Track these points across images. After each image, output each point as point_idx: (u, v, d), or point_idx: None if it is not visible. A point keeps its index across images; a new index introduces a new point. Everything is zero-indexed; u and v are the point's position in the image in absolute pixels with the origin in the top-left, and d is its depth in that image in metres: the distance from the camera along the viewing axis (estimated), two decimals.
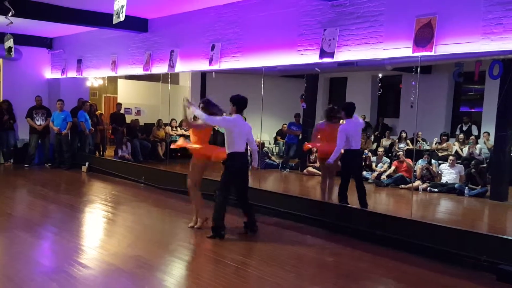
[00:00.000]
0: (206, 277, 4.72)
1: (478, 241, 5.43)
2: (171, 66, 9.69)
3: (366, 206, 6.93)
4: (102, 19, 9.73)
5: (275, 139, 15.15)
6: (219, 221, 6.03)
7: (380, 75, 13.59)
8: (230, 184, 6.20)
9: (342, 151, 7.03)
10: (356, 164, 7.20)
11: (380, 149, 11.42)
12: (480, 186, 9.23)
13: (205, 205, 6.63)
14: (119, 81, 14.00)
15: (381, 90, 13.29)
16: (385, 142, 13.12)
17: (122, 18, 5.70)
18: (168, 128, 13.06)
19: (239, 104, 6.22)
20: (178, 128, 13.48)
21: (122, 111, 13.17)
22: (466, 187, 9.26)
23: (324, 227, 6.74)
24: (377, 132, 14.39)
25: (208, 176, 7.26)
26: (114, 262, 5.06)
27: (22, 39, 12.40)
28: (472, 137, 11.66)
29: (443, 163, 10.35)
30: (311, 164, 11.32)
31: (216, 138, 10.41)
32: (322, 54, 6.99)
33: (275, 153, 14.58)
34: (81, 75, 12.60)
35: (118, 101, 13.68)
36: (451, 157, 10.14)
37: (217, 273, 4.86)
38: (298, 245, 6.03)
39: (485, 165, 10.16)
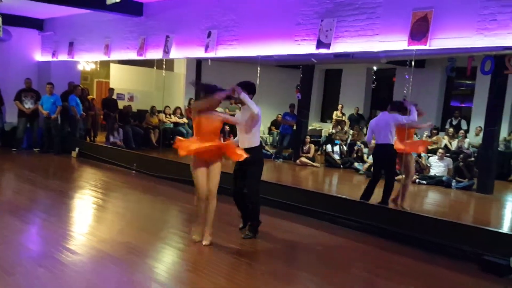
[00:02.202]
0: (198, 264, 4.72)
1: (463, 232, 5.55)
2: (166, 52, 9.60)
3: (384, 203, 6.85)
4: (96, 1, 9.60)
5: (269, 129, 15.17)
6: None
7: (374, 68, 13.60)
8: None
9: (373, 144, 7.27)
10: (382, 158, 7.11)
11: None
12: (467, 179, 9.37)
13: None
14: (112, 65, 13.88)
15: (375, 83, 13.31)
16: None
17: None
18: (162, 115, 13.00)
19: (254, 90, 5.57)
20: (172, 115, 13.43)
21: (114, 97, 13.07)
22: (454, 180, 9.40)
23: (314, 216, 6.77)
24: None
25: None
26: (103, 248, 5.03)
27: (12, 20, 12.20)
28: (462, 131, 11.77)
29: (432, 156, 10.45)
30: (304, 155, 11.35)
31: None
32: (319, 44, 6.96)
33: (269, 143, 14.60)
34: (73, 58, 12.44)
35: (111, 86, 13.58)
36: (440, 151, 10.24)
37: (208, 260, 4.86)
38: (289, 234, 6.04)
39: (473, 159, 10.28)
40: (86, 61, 12.54)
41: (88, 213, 6.83)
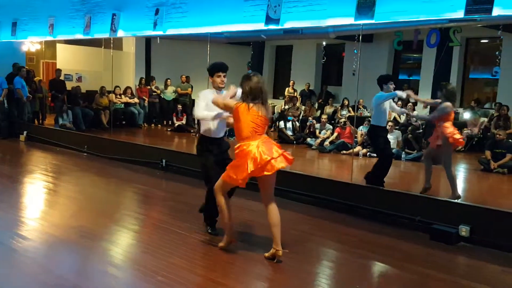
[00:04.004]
0: (154, 245, 4.73)
1: (413, 202, 5.76)
2: (113, 30, 9.35)
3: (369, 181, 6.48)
4: None
5: None
6: None
7: (324, 44, 13.76)
8: None
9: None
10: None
11: (324, 116, 11.67)
12: (416, 151, 9.67)
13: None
14: (58, 46, 13.41)
15: (325, 58, 13.49)
16: (329, 109, 13.43)
17: None
18: (112, 96, 12.73)
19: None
20: (123, 96, 13.17)
21: (62, 78, 12.68)
22: (403, 152, 9.69)
23: None
24: (320, 100, 14.68)
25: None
26: (56, 233, 4.96)
27: None
28: (410, 104, 12.13)
29: None
30: None
31: None
32: (268, 20, 6.96)
33: None
34: (17, 39, 11.92)
35: (58, 67, 13.14)
36: (389, 123, 10.50)
37: (164, 242, 4.85)
38: (243, 211, 6.10)
39: (421, 131, 10.65)
40: (31, 41, 12.05)
41: (39, 198, 6.68)
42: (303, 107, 13.54)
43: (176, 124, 12.83)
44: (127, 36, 10.45)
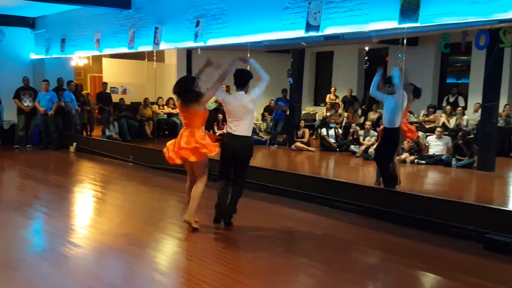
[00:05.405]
0: (198, 253, 4.75)
1: (465, 211, 5.51)
2: (156, 43, 9.57)
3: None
4: None
5: (263, 115, 15.14)
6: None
7: (366, 48, 13.54)
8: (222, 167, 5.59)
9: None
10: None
11: (368, 123, 11.46)
12: (467, 157, 9.29)
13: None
14: (104, 60, 13.85)
15: (368, 63, 13.25)
16: (373, 115, 13.16)
17: None
18: (155, 107, 13.00)
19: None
20: (165, 106, 13.43)
21: (108, 90, 13.08)
22: (453, 158, 9.33)
23: (311, 201, 6.79)
24: (364, 106, 14.43)
25: None
26: (105, 240, 5.08)
27: (4, 19, 12.23)
28: (459, 108, 11.74)
29: (430, 135, 10.41)
30: (299, 140, 11.35)
31: None
32: (308, 27, 6.92)
33: (262, 129, 14.58)
34: (65, 54, 12.41)
35: (104, 80, 13.57)
36: (438, 129, 10.20)
37: (208, 249, 4.89)
38: (286, 220, 6.08)
39: (472, 136, 10.26)
40: (78, 56, 12.52)
41: (89, 206, 6.89)
42: (345, 114, 13.36)
43: (218, 133, 12.95)
44: (169, 49, 10.65)
